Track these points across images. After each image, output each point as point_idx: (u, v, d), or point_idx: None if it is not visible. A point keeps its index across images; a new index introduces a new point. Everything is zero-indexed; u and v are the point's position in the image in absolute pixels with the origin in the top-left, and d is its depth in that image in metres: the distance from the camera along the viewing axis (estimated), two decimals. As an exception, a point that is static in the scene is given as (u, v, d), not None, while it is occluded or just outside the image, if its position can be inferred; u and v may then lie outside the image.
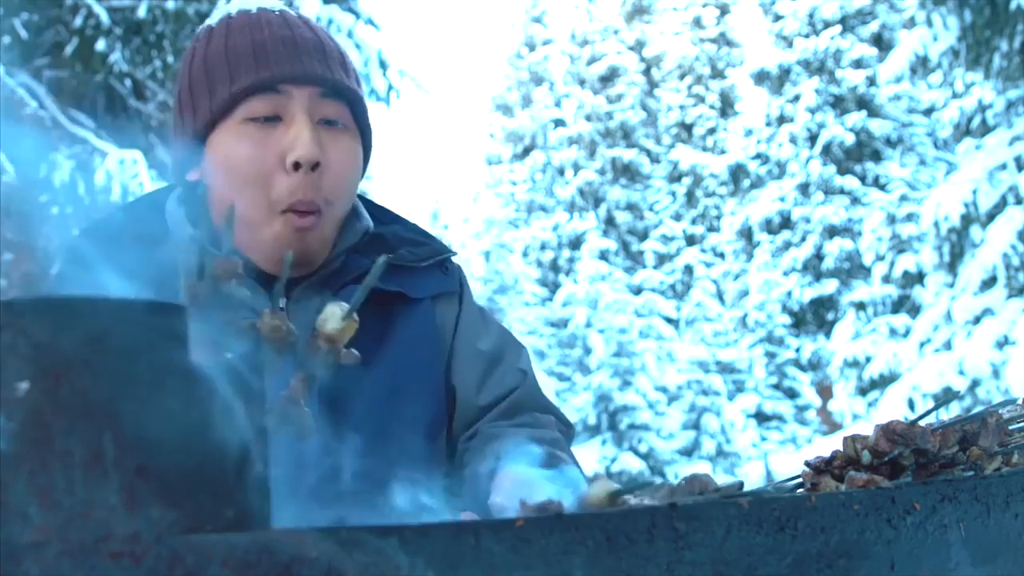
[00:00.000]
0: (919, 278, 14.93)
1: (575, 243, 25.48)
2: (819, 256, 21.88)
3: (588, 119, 28.04)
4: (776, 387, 21.06)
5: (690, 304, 21.44)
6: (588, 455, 16.71)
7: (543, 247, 26.28)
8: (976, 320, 10.62)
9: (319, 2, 7.60)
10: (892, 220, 16.80)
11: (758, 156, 23.73)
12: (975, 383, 10.03)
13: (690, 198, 27.25)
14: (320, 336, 0.74)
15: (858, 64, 22.17)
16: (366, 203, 1.40)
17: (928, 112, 18.92)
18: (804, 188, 22.32)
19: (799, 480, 0.82)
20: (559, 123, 28.28)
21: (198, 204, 1.27)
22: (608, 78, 28.59)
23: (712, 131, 27.99)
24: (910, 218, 16.24)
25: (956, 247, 11.09)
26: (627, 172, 28.03)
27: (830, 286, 21.60)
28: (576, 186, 27.23)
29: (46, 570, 0.44)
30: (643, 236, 27.04)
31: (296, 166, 1.20)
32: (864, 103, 21.96)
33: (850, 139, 21.74)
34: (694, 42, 28.80)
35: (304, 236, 1.22)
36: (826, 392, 19.28)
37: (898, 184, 18.06)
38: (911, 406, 10.54)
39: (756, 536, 0.60)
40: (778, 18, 23.39)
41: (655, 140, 28.72)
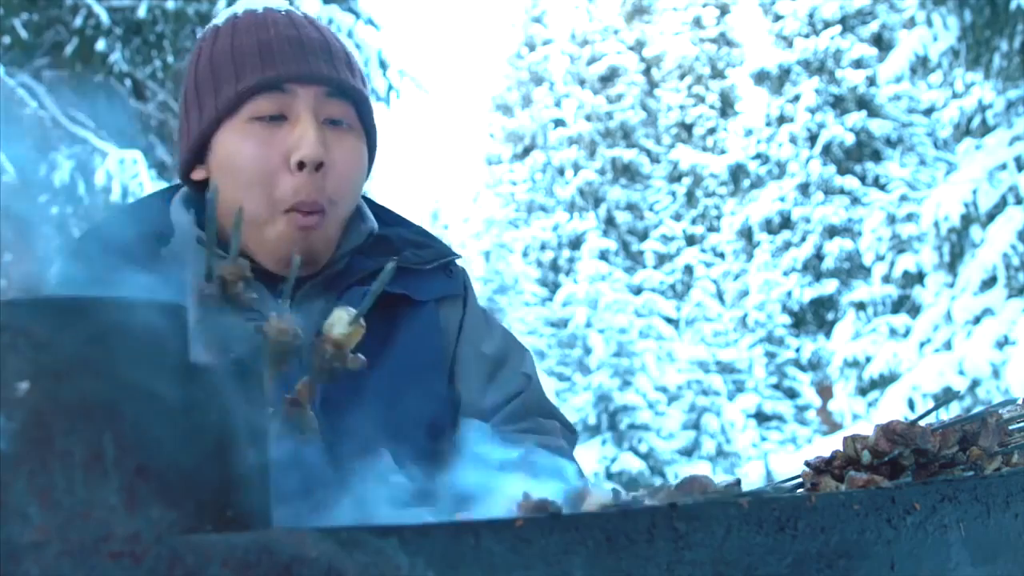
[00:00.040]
0: (919, 278, 14.92)
1: (575, 243, 25.46)
2: (819, 256, 21.88)
3: (588, 119, 28.02)
4: (776, 387, 21.06)
5: (690, 304, 21.45)
6: (588, 455, 16.70)
7: (543, 247, 26.26)
8: (976, 320, 10.62)
9: (319, 2, 7.60)
10: (892, 220, 16.79)
11: (758, 156, 23.72)
12: (975, 383, 10.03)
13: (690, 198, 27.24)
14: (327, 340, 0.74)
15: (858, 64, 22.16)
16: (371, 204, 1.40)
17: (928, 112, 18.91)
18: (804, 188, 22.31)
19: (799, 480, 0.82)
20: (559, 123, 28.26)
21: (207, 206, 1.27)
22: (608, 78, 28.58)
23: (712, 131, 27.98)
24: (910, 218, 16.23)
25: (956, 247, 11.09)
26: (627, 172, 28.02)
27: (830, 286, 21.59)
28: (576, 186, 27.22)
29: (46, 570, 0.44)
30: (643, 236, 27.03)
31: (300, 165, 1.20)
32: (864, 103, 21.95)
33: (850, 139, 21.73)
34: (694, 42, 28.78)
35: (308, 235, 1.22)
36: (826, 392, 19.28)
37: (898, 184, 18.06)
38: (911, 406, 10.54)
39: (756, 536, 0.60)
40: (778, 18, 23.38)
41: (655, 140, 28.71)
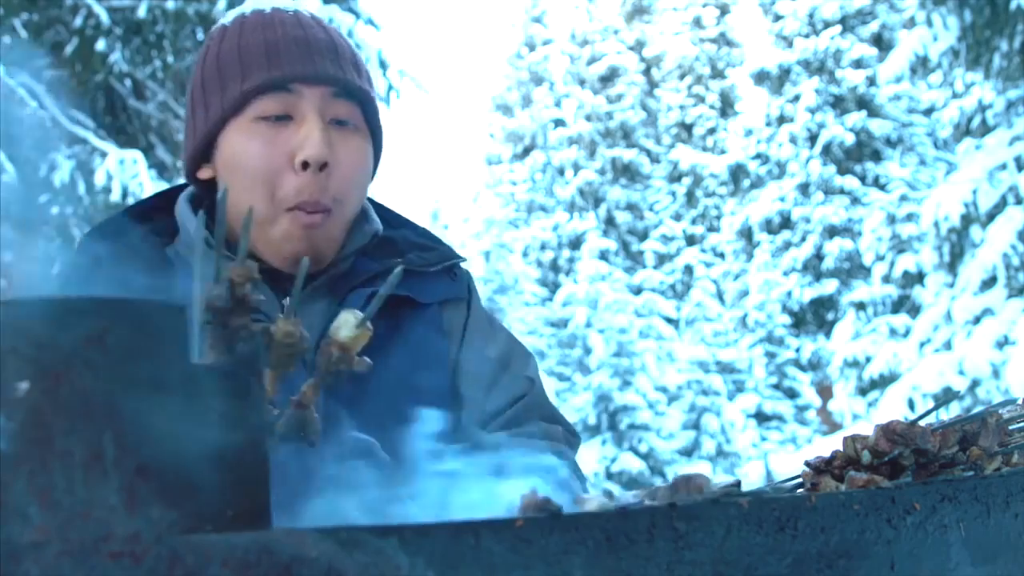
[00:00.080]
0: (919, 278, 14.92)
1: (575, 243, 25.46)
2: (819, 256, 21.88)
3: (588, 119, 28.02)
4: (776, 387, 21.06)
5: (690, 304, 21.45)
6: (588, 455, 16.70)
7: (543, 247, 26.25)
8: (976, 320, 10.62)
9: (319, 2, 7.60)
10: (892, 220, 16.79)
11: (758, 156, 23.72)
12: (975, 383, 10.03)
13: (690, 198, 27.24)
14: (333, 343, 0.74)
15: (858, 64, 22.16)
16: (376, 206, 1.40)
17: (928, 112, 18.91)
18: (804, 188, 22.32)
19: (799, 480, 0.82)
20: (559, 123, 28.27)
21: (217, 208, 1.27)
22: (608, 78, 28.58)
23: (712, 131, 27.99)
24: (910, 218, 16.23)
25: (956, 247, 11.09)
26: (627, 172, 28.02)
27: (830, 286, 21.59)
28: (576, 186, 27.22)
29: (46, 570, 0.44)
30: (643, 236, 27.03)
31: (304, 165, 1.20)
32: (864, 103, 21.95)
33: (850, 139, 21.73)
34: (694, 42, 28.79)
35: (312, 234, 1.22)
36: (826, 392, 19.28)
37: (898, 184, 18.06)
38: (911, 406, 10.53)
39: (756, 536, 0.60)
40: (778, 18, 23.38)
41: (655, 140, 28.71)
